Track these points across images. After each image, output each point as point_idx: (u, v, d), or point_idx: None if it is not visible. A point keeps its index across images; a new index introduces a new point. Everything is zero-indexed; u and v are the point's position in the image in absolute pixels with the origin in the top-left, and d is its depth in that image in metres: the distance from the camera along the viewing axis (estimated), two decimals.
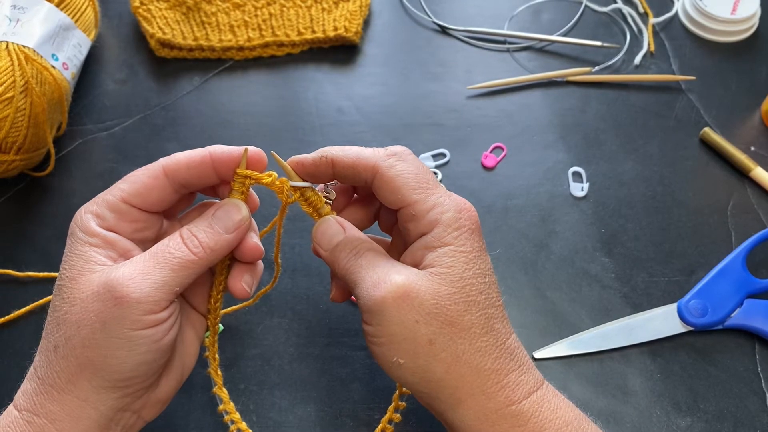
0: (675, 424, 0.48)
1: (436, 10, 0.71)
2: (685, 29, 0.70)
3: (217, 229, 0.38)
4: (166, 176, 0.38)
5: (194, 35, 0.66)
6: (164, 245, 0.36)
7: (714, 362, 0.50)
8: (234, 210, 0.38)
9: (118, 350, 0.34)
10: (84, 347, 0.34)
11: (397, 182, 0.38)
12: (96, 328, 0.34)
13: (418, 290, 0.35)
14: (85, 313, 0.34)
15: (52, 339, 0.35)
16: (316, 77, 0.66)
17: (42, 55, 0.55)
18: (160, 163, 0.38)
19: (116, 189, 0.38)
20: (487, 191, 0.59)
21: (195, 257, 0.36)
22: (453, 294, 0.36)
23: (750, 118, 0.64)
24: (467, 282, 0.36)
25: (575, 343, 0.51)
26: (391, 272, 0.36)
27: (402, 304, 0.35)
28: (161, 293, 0.35)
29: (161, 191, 0.38)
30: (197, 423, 0.47)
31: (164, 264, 0.35)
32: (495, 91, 0.65)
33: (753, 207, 0.58)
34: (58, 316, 0.35)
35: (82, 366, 0.35)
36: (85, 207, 0.38)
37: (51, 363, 0.35)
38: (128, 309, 0.34)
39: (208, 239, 0.37)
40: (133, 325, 0.34)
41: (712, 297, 0.52)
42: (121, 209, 0.37)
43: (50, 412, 0.35)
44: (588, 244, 0.56)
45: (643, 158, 0.61)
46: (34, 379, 0.36)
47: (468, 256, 0.37)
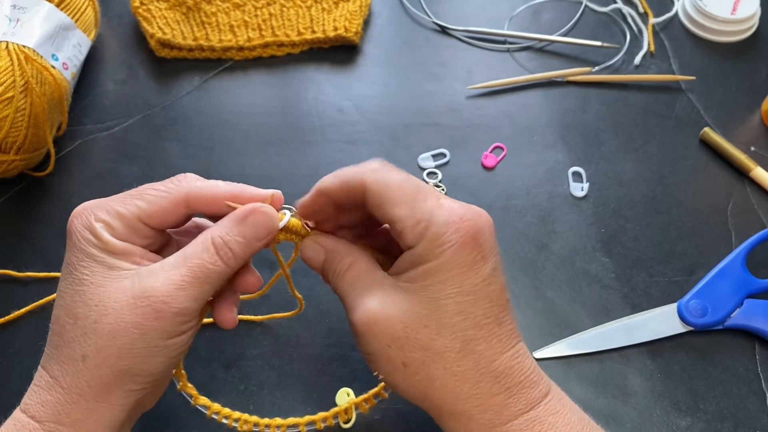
0: (675, 424, 0.48)
1: (436, 10, 0.71)
2: (685, 29, 0.70)
3: (250, 238, 0.37)
4: (187, 206, 0.37)
5: (194, 35, 0.66)
6: (198, 256, 0.35)
7: (714, 362, 0.50)
8: (267, 219, 0.37)
9: (155, 357, 0.35)
10: (120, 357, 0.34)
11: (383, 197, 0.36)
12: (135, 338, 0.34)
13: (387, 316, 0.35)
14: (121, 323, 0.34)
15: (79, 349, 0.34)
16: (316, 77, 0.66)
17: (42, 55, 0.55)
18: (183, 191, 0.37)
19: (132, 205, 0.36)
20: (487, 191, 0.59)
21: (228, 268, 0.36)
22: (423, 317, 0.34)
23: (750, 118, 0.64)
24: (441, 303, 0.34)
25: (575, 343, 0.51)
26: (366, 296, 0.36)
27: (373, 330, 0.35)
28: (197, 305, 0.35)
29: (178, 217, 0.37)
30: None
31: (202, 278, 0.35)
32: (495, 91, 0.65)
33: (753, 207, 0.58)
34: (84, 324, 0.34)
35: (117, 375, 0.34)
36: (93, 213, 0.36)
37: (79, 373, 0.34)
38: (168, 321, 0.34)
39: (241, 250, 0.36)
40: (170, 335, 0.35)
41: (712, 297, 0.52)
42: (135, 226, 0.36)
43: (78, 421, 0.34)
44: (588, 244, 0.56)
45: (643, 158, 0.61)
46: (56, 389, 0.34)
47: (447, 274, 0.34)
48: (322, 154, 0.60)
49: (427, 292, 0.35)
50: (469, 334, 0.35)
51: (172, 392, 0.47)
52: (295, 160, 0.60)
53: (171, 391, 0.45)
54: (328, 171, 0.59)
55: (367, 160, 0.38)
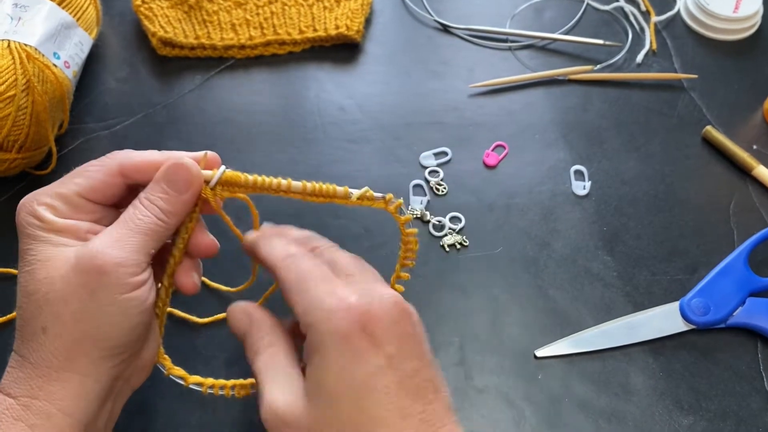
0: (677, 423, 0.48)
1: (437, 8, 0.71)
2: (687, 27, 0.70)
3: (172, 192, 0.38)
4: (122, 175, 0.38)
5: (196, 34, 0.66)
6: (131, 214, 0.37)
7: (716, 361, 0.50)
8: (183, 170, 0.38)
9: (111, 317, 0.35)
10: (76, 321, 0.34)
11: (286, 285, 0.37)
12: (85, 299, 0.34)
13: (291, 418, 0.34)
14: (69, 287, 0.34)
15: (37, 322, 0.35)
16: (318, 76, 0.65)
17: (44, 53, 0.55)
18: (116, 161, 0.38)
19: (71, 183, 0.38)
20: (488, 190, 0.59)
21: (161, 222, 0.37)
22: (326, 418, 0.33)
23: (752, 116, 0.64)
24: (335, 401, 0.33)
25: (577, 342, 0.51)
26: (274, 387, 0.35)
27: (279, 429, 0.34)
28: (140, 255, 0.36)
29: (117, 188, 0.38)
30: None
31: (136, 230, 0.36)
32: (497, 90, 0.65)
33: (755, 205, 0.58)
34: (37, 298, 0.35)
35: (77, 341, 0.35)
36: (36, 198, 0.37)
37: (42, 345, 0.35)
38: (113, 274, 0.35)
39: (167, 205, 0.37)
40: (121, 290, 0.35)
41: (715, 295, 0.52)
42: (76, 203, 0.37)
43: (50, 393, 0.35)
44: (590, 243, 0.56)
45: (645, 156, 0.61)
46: (25, 366, 0.35)
47: (335, 366, 0.33)
48: (324, 152, 0.60)
49: (321, 390, 0.34)
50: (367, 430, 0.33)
51: (174, 393, 0.47)
52: (297, 159, 0.60)
53: (173, 391, 0.45)
54: (330, 169, 0.59)
55: (368, 160, 0.39)
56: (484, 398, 0.48)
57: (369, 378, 0.33)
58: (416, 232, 0.42)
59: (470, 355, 0.50)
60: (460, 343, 0.51)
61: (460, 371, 0.49)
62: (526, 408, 0.48)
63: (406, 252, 0.43)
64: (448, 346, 0.51)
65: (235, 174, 0.39)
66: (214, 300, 0.52)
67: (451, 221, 0.57)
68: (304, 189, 0.40)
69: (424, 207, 0.57)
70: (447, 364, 0.50)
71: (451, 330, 0.51)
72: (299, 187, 0.39)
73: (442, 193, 0.58)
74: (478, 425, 0.47)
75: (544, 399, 0.48)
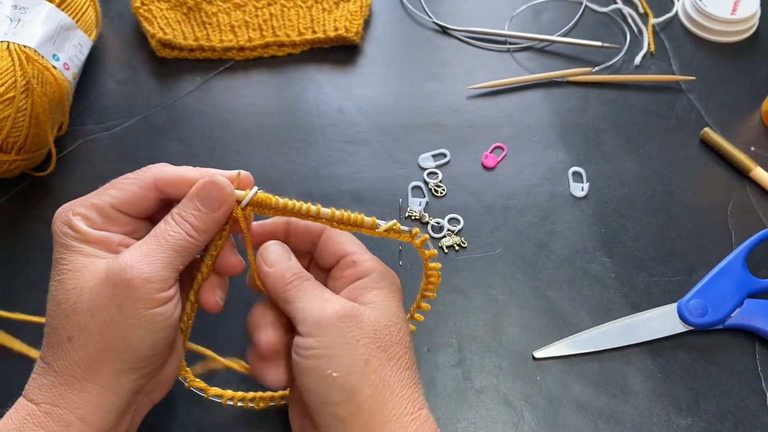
0: (675, 424, 0.48)
1: (436, 10, 0.71)
2: (685, 29, 0.70)
3: (205, 210, 0.38)
4: (156, 189, 0.39)
5: (195, 35, 0.66)
6: (162, 229, 0.37)
7: (714, 362, 0.50)
8: (217, 189, 0.39)
9: (136, 330, 0.35)
10: (101, 333, 0.35)
11: (342, 237, 0.42)
12: (112, 312, 0.35)
13: (362, 314, 0.38)
14: (97, 299, 0.35)
15: (64, 331, 0.36)
16: (317, 77, 0.66)
17: (43, 55, 0.55)
18: (151, 175, 0.39)
19: (105, 195, 0.38)
20: (487, 191, 0.59)
21: (192, 239, 0.38)
22: (388, 326, 0.39)
23: (750, 118, 0.64)
24: (396, 321, 0.40)
25: (575, 343, 0.51)
26: (336, 297, 0.39)
27: (349, 322, 0.38)
28: (168, 271, 0.36)
29: (150, 201, 0.39)
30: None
31: (166, 246, 0.37)
32: (495, 92, 0.65)
33: (753, 207, 0.58)
34: (66, 307, 0.36)
35: (101, 352, 0.35)
36: (72, 209, 0.38)
37: (67, 354, 0.36)
38: (141, 289, 0.35)
39: (198, 222, 0.38)
40: (147, 305, 0.35)
41: (713, 297, 0.52)
42: (110, 215, 0.38)
43: (71, 401, 0.35)
44: (588, 244, 0.56)
45: (644, 158, 0.61)
46: (50, 373, 0.36)
47: (396, 302, 0.41)
48: (323, 154, 0.60)
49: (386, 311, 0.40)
50: (410, 353, 0.40)
51: (174, 394, 0.47)
52: (296, 160, 0.60)
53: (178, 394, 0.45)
54: (328, 171, 0.59)
55: (367, 161, 0.40)
56: (483, 399, 0.49)
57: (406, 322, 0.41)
58: (440, 267, 0.43)
59: (469, 356, 0.50)
60: (458, 344, 0.51)
61: (458, 372, 0.50)
62: (525, 409, 0.48)
63: (428, 284, 0.44)
64: (447, 347, 0.51)
65: (267, 196, 0.40)
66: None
67: (449, 223, 0.57)
68: (333, 216, 0.40)
69: (422, 208, 0.57)
70: (446, 364, 0.50)
71: (450, 331, 0.51)
72: (328, 213, 0.40)
73: (441, 194, 0.58)
74: (477, 426, 0.47)
75: (542, 400, 0.49)
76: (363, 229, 0.40)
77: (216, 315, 0.42)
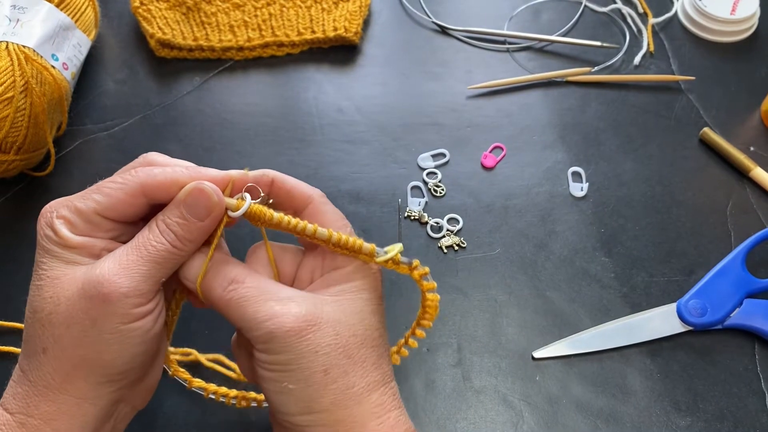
0: (675, 424, 0.48)
1: (435, 10, 0.71)
2: (684, 29, 0.70)
3: (191, 218, 0.36)
4: (144, 195, 0.36)
5: (194, 35, 0.66)
6: (145, 238, 0.35)
7: (713, 362, 0.50)
8: (204, 197, 0.36)
9: (111, 345, 0.34)
10: (75, 346, 0.34)
11: (328, 216, 0.39)
12: (86, 326, 0.34)
13: (321, 320, 0.35)
14: (72, 311, 0.34)
15: (39, 342, 0.35)
16: (316, 77, 0.66)
17: (42, 55, 0.55)
18: (138, 180, 0.36)
19: (90, 199, 0.36)
20: (486, 191, 0.59)
21: (176, 250, 0.36)
22: (352, 326, 0.36)
23: (749, 118, 0.64)
24: (366, 317, 0.37)
25: (575, 343, 0.51)
26: (295, 301, 0.36)
27: (305, 334, 0.35)
28: (148, 285, 0.34)
29: (138, 207, 0.37)
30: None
31: (148, 258, 0.35)
32: (495, 91, 0.65)
33: (752, 207, 0.58)
34: (41, 317, 0.34)
35: (76, 365, 0.34)
36: (56, 210, 0.36)
37: (42, 365, 0.34)
38: (117, 304, 0.33)
39: (183, 231, 0.36)
40: (123, 320, 0.34)
41: (712, 297, 0.52)
42: (94, 221, 0.36)
43: (45, 412, 0.34)
44: (587, 244, 0.56)
45: (643, 158, 0.61)
46: (24, 382, 0.35)
47: (371, 294, 0.38)
48: (322, 153, 0.60)
49: (355, 305, 0.37)
50: (379, 351, 0.37)
51: (175, 396, 0.47)
52: (295, 160, 0.60)
53: (175, 395, 0.45)
54: (328, 170, 0.59)
55: (366, 161, 0.39)
56: (482, 399, 0.48)
57: (382, 315, 0.39)
58: (439, 299, 0.40)
59: (468, 356, 0.50)
60: (458, 344, 0.51)
61: (458, 372, 0.50)
62: (524, 409, 0.48)
63: (425, 314, 0.41)
64: (446, 347, 0.51)
65: (261, 209, 0.37)
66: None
67: (449, 222, 0.57)
68: (329, 238, 0.37)
69: (422, 208, 0.57)
70: (445, 365, 0.50)
71: (449, 331, 0.51)
72: (324, 234, 0.37)
73: (440, 194, 0.58)
74: (477, 426, 0.47)
75: (542, 400, 0.48)
76: (360, 255, 0.38)
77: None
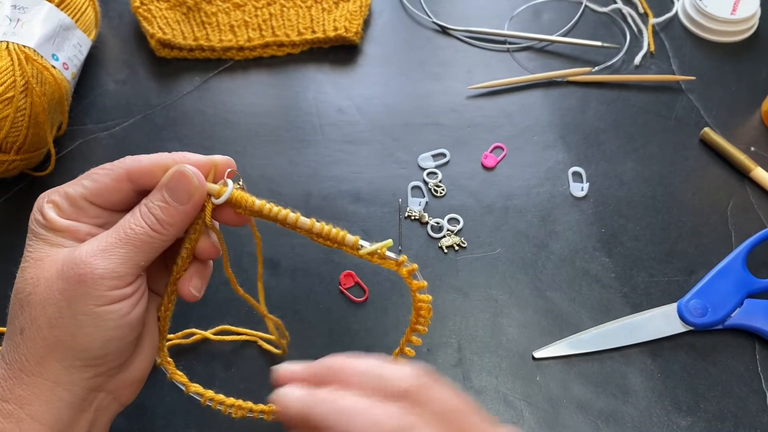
0: (675, 424, 0.48)
1: (436, 10, 0.71)
2: (685, 29, 0.70)
3: (172, 202, 0.36)
4: (130, 181, 0.37)
5: (194, 35, 0.66)
6: (126, 221, 0.36)
7: (714, 362, 0.50)
8: (185, 180, 0.37)
9: (85, 328, 0.34)
10: (51, 327, 0.34)
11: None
12: (62, 306, 0.34)
13: None
14: (49, 292, 0.34)
15: (17, 322, 0.35)
16: (317, 77, 0.66)
17: (42, 55, 0.55)
18: (124, 166, 0.37)
19: (79, 185, 0.37)
20: (487, 191, 0.59)
21: (156, 233, 0.36)
22: None
23: (750, 118, 0.64)
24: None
25: (575, 343, 0.51)
26: None
27: None
28: (125, 268, 0.35)
29: (123, 194, 0.37)
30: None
31: (126, 240, 0.35)
32: (495, 91, 0.65)
33: (753, 207, 0.58)
34: (21, 297, 0.35)
35: (50, 347, 0.34)
36: (47, 195, 0.37)
37: (18, 347, 0.35)
38: (92, 285, 0.34)
39: (164, 215, 0.36)
40: (98, 301, 0.34)
41: (712, 297, 0.52)
42: (81, 206, 0.37)
43: (20, 397, 0.34)
44: (588, 244, 0.56)
45: (643, 158, 0.61)
46: (2, 365, 0.35)
47: None
48: (323, 153, 0.60)
49: None
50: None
51: (174, 394, 0.47)
52: (296, 160, 0.60)
53: (173, 394, 0.45)
54: (328, 171, 0.59)
55: (366, 161, 0.38)
56: (483, 399, 0.48)
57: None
58: (430, 300, 0.38)
59: (469, 356, 0.50)
60: (458, 344, 0.51)
61: (458, 372, 0.50)
62: (525, 409, 0.48)
63: (418, 318, 0.39)
64: (447, 347, 0.51)
65: (242, 196, 0.37)
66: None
67: (449, 223, 0.57)
68: (311, 228, 0.37)
69: (422, 208, 0.57)
70: (445, 365, 0.50)
71: (450, 331, 0.51)
72: (306, 224, 0.37)
73: (441, 194, 0.58)
74: None
75: (542, 400, 0.48)
76: (344, 247, 0.37)
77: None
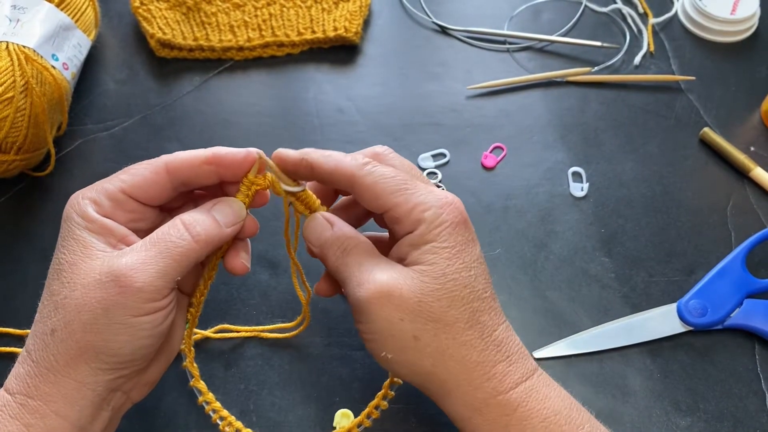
0: (675, 424, 0.48)
1: (435, 10, 0.71)
2: (684, 29, 0.70)
3: (219, 222, 0.38)
4: (168, 173, 0.39)
5: (194, 35, 0.66)
6: (165, 234, 0.37)
7: (714, 362, 0.50)
8: (237, 206, 0.39)
9: (119, 335, 0.35)
10: (84, 332, 0.35)
11: (376, 189, 0.38)
12: (98, 314, 0.35)
13: (401, 289, 0.36)
14: (86, 298, 0.35)
15: (49, 323, 0.36)
16: (316, 77, 0.66)
17: (42, 55, 0.55)
18: (162, 160, 0.39)
19: (116, 179, 0.38)
20: (486, 191, 0.59)
21: (197, 246, 0.37)
22: (435, 291, 0.37)
23: (749, 118, 0.64)
24: (450, 278, 0.37)
25: (575, 343, 0.51)
26: (375, 271, 0.37)
27: (386, 303, 0.36)
28: (163, 282, 0.36)
29: (161, 187, 0.39)
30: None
31: (166, 253, 0.36)
32: (495, 91, 0.65)
33: (752, 207, 0.58)
34: (56, 300, 0.36)
35: (81, 349, 0.35)
36: (83, 193, 0.38)
37: (47, 346, 0.35)
38: (131, 297, 0.35)
39: (208, 231, 0.38)
40: (135, 312, 0.35)
41: (712, 297, 0.52)
42: (119, 199, 0.38)
43: (45, 394, 0.35)
44: (587, 244, 0.56)
45: (643, 158, 0.61)
46: (27, 362, 0.36)
47: (451, 251, 0.38)
48: None
49: (435, 269, 0.37)
50: (474, 306, 0.37)
51: (174, 393, 0.47)
52: None
53: (173, 392, 0.45)
54: None
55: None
56: None
57: (475, 263, 0.38)
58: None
59: None
60: None
61: None
62: None
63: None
64: None
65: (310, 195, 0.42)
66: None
67: None
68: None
69: None
70: None
71: None
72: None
73: None
74: None
75: None
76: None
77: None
